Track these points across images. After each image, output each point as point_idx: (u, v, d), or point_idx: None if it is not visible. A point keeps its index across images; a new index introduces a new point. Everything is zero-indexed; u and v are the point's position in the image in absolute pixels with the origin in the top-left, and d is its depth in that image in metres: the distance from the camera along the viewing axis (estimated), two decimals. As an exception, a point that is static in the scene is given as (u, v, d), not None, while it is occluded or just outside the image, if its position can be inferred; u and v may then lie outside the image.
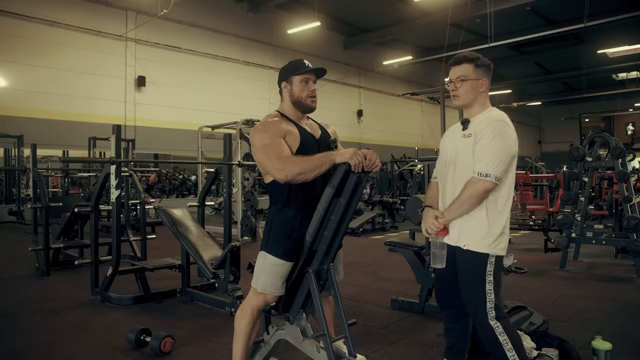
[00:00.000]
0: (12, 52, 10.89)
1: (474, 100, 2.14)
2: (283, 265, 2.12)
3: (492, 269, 2.05)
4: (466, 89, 2.12)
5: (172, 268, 4.24)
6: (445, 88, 8.26)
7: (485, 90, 2.14)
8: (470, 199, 2.02)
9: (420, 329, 3.30)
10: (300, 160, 1.99)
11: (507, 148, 2.02)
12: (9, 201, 11.13)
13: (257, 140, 2.10)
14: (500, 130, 2.02)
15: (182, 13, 13.14)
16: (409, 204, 3.03)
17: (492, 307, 2.04)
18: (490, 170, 1.98)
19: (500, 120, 2.05)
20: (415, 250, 3.61)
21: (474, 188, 2.01)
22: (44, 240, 4.98)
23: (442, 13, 13.78)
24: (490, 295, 2.05)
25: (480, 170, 1.99)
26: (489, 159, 1.99)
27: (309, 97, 2.20)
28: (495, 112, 2.12)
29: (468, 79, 2.11)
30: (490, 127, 2.03)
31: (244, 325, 2.20)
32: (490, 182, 1.98)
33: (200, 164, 10.23)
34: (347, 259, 2.55)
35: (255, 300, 2.18)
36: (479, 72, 2.12)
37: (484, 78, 2.13)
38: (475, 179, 2.01)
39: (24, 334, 3.28)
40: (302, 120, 2.24)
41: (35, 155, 6.14)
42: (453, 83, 2.14)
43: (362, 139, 19.04)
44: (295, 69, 2.20)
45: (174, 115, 13.42)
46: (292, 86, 2.20)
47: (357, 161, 1.93)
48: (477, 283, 2.05)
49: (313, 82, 2.22)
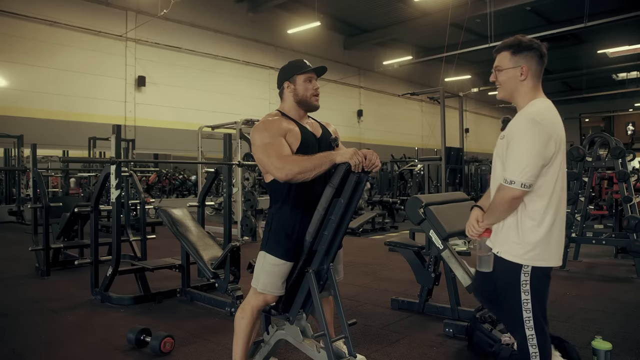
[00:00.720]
0: (12, 52, 10.89)
1: (514, 90, 1.93)
2: (283, 265, 2.12)
3: (528, 280, 1.86)
4: (503, 79, 1.94)
5: (172, 268, 4.24)
6: (445, 88, 8.26)
7: (526, 77, 1.89)
8: (500, 206, 1.88)
9: (420, 329, 3.30)
10: (301, 160, 1.98)
11: (535, 150, 1.78)
12: (9, 201, 11.13)
13: (257, 139, 2.10)
14: (527, 130, 1.80)
15: (182, 13, 13.14)
16: (409, 204, 3.03)
17: (530, 317, 1.87)
18: (515, 177, 1.79)
19: (530, 118, 1.81)
20: (415, 250, 3.62)
21: (500, 195, 1.86)
22: (44, 240, 4.98)
23: (442, 13, 13.78)
24: (527, 305, 1.87)
25: (507, 176, 1.82)
26: (514, 164, 1.80)
27: (313, 95, 2.20)
28: (532, 107, 1.88)
29: (503, 68, 1.92)
30: (518, 127, 1.83)
31: (244, 325, 2.20)
32: (516, 189, 1.79)
33: (200, 164, 10.23)
34: (347, 259, 2.55)
35: (255, 300, 2.18)
36: (517, 59, 1.89)
37: (524, 65, 1.88)
38: (502, 186, 1.85)
39: (24, 334, 3.28)
40: (303, 119, 2.24)
41: (35, 155, 6.14)
42: (493, 73, 1.99)
43: (362, 139, 19.04)
44: (299, 68, 2.20)
45: (174, 115, 13.42)
46: (295, 85, 2.19)
47: (357, 161, 1.93)
48: (513, 292, 1.89)
49: (315, 80, 2.23)
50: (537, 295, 1.88)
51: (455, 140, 8.49)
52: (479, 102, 26.13)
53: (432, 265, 3.53)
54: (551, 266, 1.90)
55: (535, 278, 1.86)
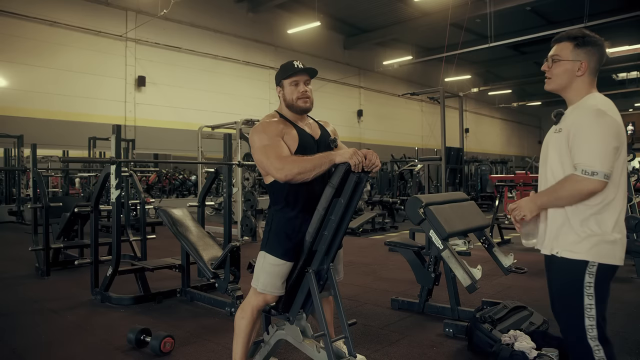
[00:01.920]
0: (12, 52, 10.89)
1: (567, 85, 1.81)
2: (283, 265, 2.12)
3: (593, 281, 1.68)
4: (558, 71, 1.81)
5: (172, 268, 4.24)
6: (445, 88, 8.26)
7: (583, 74, 1.78)
8: (571, 198, 1.70)
9: (420, 329, 3.29)
10: (300, 160, 1.99)
11: (608, 139, 1.66)
12: (9, 201, 11.13)
13: (256, 140, 2.11)
14: (596, 120, 1.68)
15: (182, 13, 13.15)
16: (409, 204, 3.02)
17: (594, 324, 1.67)
18: (598, 167, 1.63)
19: (596, 109, 1.70)
20: (415, 250, 3.61)
21: (575, 187, 1.67)
22: (44, 240, 4.98)
23: (442, 13, 13.78)
24: (591, 311, 1.67)
25: (585, 167, 1.64)
26: (591, 154, 1.65)
27: (299, 98, 2.19)
28: (591, 99, 1.77)
29: (562, 59, 1.79)
30: (585, 119, 1.70)
31: (244, 325, 2.20)
32: (598, 181, 1.63)
33: (200, 164, 10.23)
34: (347, 259, 2.55)
35: (255, 300, 2.18)
36: (578, 53, 1.77)
37: (583, 60, 1.77)
38: (577, 177, 1.66)
39: (24, 334, 3.28)
40: (300, 121, 2.24)
41: (35, 155, 6.14)
42: (546, 62, 1.85)
43: (362, 139, 19.04)
44: (284, 73, 2.22)
45: (174, 115, 13.42)
46: (284, 90, 2.22)
47: (357, 161, 1.93)
48: (574, 296, 1.70)
49: (304, 82, 2.20)
50: (602, 300, 1.69)
51: (455, 140, 8.50)
52: (479, 102, 26.14)
53: (432, 265, 3.53)
54: (618, 265, 1.72)
55: (600, 279, 1.69)
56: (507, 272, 3.07)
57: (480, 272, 2.69)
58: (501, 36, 14.20)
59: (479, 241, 3.24)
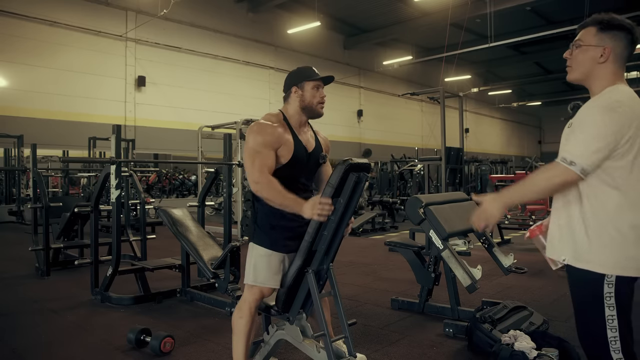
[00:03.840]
0: (12, 52, 10.89)
1: (589, 73, 1.62)
2: (271, 255, 2.15)
3: (613, 292, 1.52)
4: (580, 58, 1.62)
5: (172, 268, 4.24)
6: (445, 88, 8.26)
7: (606, 60, 1.58)
8: (544, 184, 1.56)
9: (420, 329, 3.30)
10: (275, 190, 2.03)
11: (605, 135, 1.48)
12: (9, 201, 11.13)
13: (250, 140, 2.12)
14: (599, 115, 1.51)
15: (182, 13, 13.14)
16: (409, 204, 3.02)
17: (617, 337, 1.52)
18: (577, 158, 1.48)
19: (605, 104, 1.53)
20: (415, 250, 3.62)
21: (551, 174, 1.54)
22: (44, 240, 4.98)
23: (442, 13, 13.78)
24: (613, 322, 1.52)
25: (565, 155, 1.51)
26: (577, 145, 1.51)
27: (319, 103, 2.22)
28: (608, 92, 1.57)
29: (584, 44, 1.61)
30: (588, 112, 1.54)
31: (242, 325, 2.20)
32: (573, 173, 1.49)
33: (200, 164, 10.23)
34: (347, 258, 2.56)
35: (251, 296, 2.18)
36: (601, 38, 1.59)
37: (608, 45, 1.58)
38: (556, 164, 1.53)
39: (24, 334, 3.28)
40: (301, 128, 2.26)
41: (35, 155, 6.14)
42: (570, 50, 1.68)
43: (362, 139, 19.04)
44: (308, 75, 2.23)
45: (174, 115, 13.42)
46: (303, 91, 2.21)
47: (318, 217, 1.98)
48: (594, 307, 1.55)
49: (322, 88, 2.25)
50: (624, 311, 1.54)
51: (455, 140, 8.49)
52: (479, 102, 26.14)
53: (432, 265, 3.53)
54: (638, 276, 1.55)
55: (620, 290, 1.53)
56: (507, 272, 3.08)
57: (480, 272, 2.70)
58: (501, 36, 14.20)
59: (479, 241, 3.25)
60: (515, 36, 13.84)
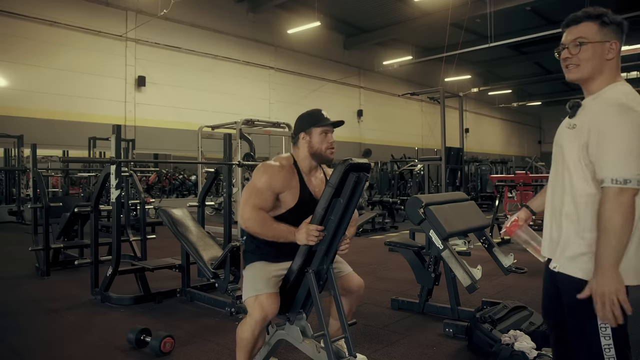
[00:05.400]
0: (12, 52, 10.89)
1: (598, 71, 1.53)
2: (263, 264, 2.17)
3: None
4: (587, 55, 1.52)
5: (172, 268, 4.24)
6: (445, 88, 8.26)
7: (614, 57, 1.53)
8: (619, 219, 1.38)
9: (420, 329, 3.29)
10: (266, 225, 2.06)
11: (634, 138, 1.39)
12: (9, 201, 11.13)
13: (255, 177, 2.15)
14: (621, 118, 1.41)
15: (182, 13, 13.15)
16: (409, 204, 3.02)
17: (610, 344, 1.47)
18: (629, 174, 1.37)
19: (619, 103, 1.44)
20: (415, 250, 3.61)
21: (615, 204, 1.38)
22: (44, 240, 4.98)
23: (442, 13, 13.79)
24: (607, 330, 1.46)
25: (614, 175, 1.38)
26: (619, 159, 1.39)
27: (328, 148, 2.21)
28: (613, 90, 1.52)
29: (590, 41, 1.51)
30: (607, 116, 1.43)
31: (244, 344, 2.13)
32: (632, 188, 1.38)
33: (200, 164, 10.23)
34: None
35: (253, 310, 2.06)
36: (606, 33, 1.52)
37: (613, 40, 1.53)
38: (610, 190, 1.39)
39: (24, 334, 3.28)
40: (312, 172, 2.26)
41: (35, 155, 6.14)
42: (567, 49, 1.56)
43: (362, 139, 19.04)
44: (316, 121, 2.20)
45: (174, 115, 13.42)
46: (311, 137, 2.20)
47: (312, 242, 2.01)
48: (587, 315, 1.47)
49: (331, 133, 2.24)
50: None
51: (455, 140, 8.49)
52: (479, 102, 26.15)
53: (432, 265, 3.53)
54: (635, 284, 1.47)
55: None
56: (507, 272, 3.08)
57: (480, 272, 2.70)
58: (501, 36, 14.20)
59: (479, 241, 3.25)
60: (515, 36, 13.84)
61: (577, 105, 1.57)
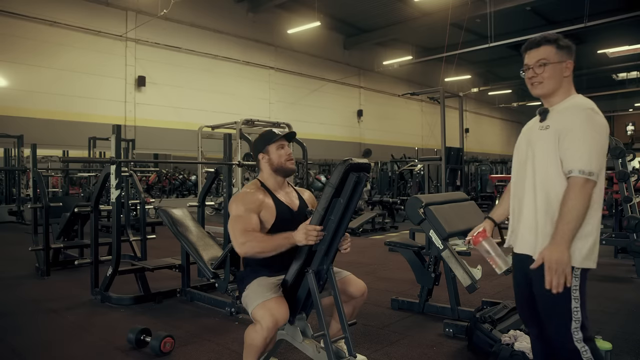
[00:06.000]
0: (12, 52, 10.89)
1: (557, 87, 1.83)
2: (262, 278, 2.19)
3: (578, 284, 1.72)
4: (549, 73, 1.81)
5: (172, 268, 4.24)
6: (445, 88, 8.25)
7: (569, 75, 1.83)
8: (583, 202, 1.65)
9: (420, 329, 3.29)
10: (263, 240, 2.09)
11: (601, 140, 1.70)
12: (9, 201, 11.13)
13: (233, 209, 2.19)
14: (589, 120, 1.70)
15: (182, 13, 13.15)
16: (409, 204, 3.02)
17: (579, 327, 1.72)
18: (593, 168, 1.65)
19: (587, 108, 1.73)
20: (415, 250, 3.61)
21: (581, 190, 1.65)
22: (44, 240, 4.98)
23: (442, 13, 13.79)
24: (577, 314, 1.72)
25: (582, 167, 1.65)
26: (584, 155, 1.66)
27: (287, 160, 2.31)
28: (580, 98, 1.82)
29: (550, 62, 1.80)
30: (576, 117, 1.71)
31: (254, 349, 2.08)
32: (594, 181, 1.66)
33: (200, 164, 10.23)
34: (347, 259, 2.56)
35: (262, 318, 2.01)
36: (562, 54, 1.81)
37: (568, 60, 1.82)
38: (577, 179, 1.65)
39: (24, 334, 3.28)
40: (281, 189, 2.33)
41: (35, 155, 6.15)
42: (532, 69, 1.84)
43: (362, 139, 19.04)
44: (269, 139, 2.32)
45: (174, 115, 13.43)
46: (270, 156, 2.30)
47: (312, 241, 2.02)
48: (562, 300, 1.71)
49: (287, 146, 2.34)
50: (584, 301, 1.74)
51: (455, 140, 8.49)
52: (479, 102, 26.15)
53: (432, 265, 3.53)
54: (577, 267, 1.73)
55: (583, 282, 1.74)
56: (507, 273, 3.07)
57: (480, 272, 2.70)
58: (501, 36, 14.20)
59: (479, 241, 3.24)
60: (515, 36, 13.82)
61: (546, 112, 1.85)
